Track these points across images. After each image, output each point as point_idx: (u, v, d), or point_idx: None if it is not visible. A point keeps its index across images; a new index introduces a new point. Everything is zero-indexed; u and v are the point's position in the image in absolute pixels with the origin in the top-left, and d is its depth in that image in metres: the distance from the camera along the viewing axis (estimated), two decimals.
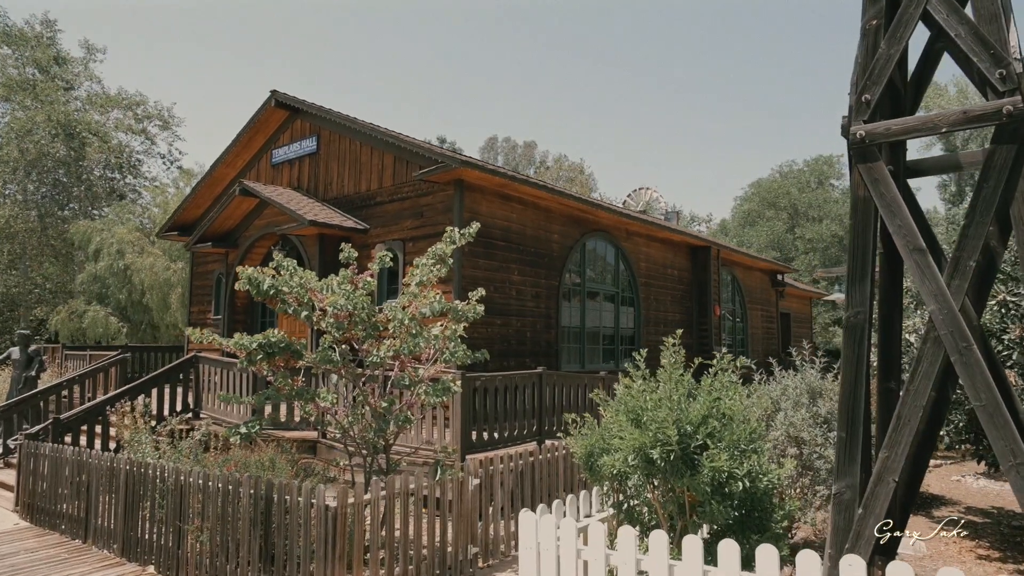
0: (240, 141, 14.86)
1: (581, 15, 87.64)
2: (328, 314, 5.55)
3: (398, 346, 5.73)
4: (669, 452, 3.28)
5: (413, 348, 5.75)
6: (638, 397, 3.57)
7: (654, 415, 3.30)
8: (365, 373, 6.01)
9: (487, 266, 11.75)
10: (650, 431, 3.29)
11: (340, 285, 5.70)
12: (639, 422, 3.44)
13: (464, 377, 7.96)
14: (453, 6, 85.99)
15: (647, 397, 3.52)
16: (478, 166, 10.78)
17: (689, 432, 3.31)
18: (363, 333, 5.95)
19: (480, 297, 6.79)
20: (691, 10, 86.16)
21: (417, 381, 5.95)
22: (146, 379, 10.16)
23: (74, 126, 33.85)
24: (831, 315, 36.07)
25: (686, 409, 3.33)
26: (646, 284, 16.69)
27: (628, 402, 3.58)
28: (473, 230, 6.59)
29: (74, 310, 27.36)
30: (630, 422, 3.47)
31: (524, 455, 6.93)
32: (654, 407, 3.36)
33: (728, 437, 3.35)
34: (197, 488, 5.94)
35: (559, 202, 13.18)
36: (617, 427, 3.56)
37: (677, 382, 3.51)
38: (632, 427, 3.40)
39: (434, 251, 6.29)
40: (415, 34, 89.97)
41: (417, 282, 6.04)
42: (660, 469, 3.31)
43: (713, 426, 3.33)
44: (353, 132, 12.84)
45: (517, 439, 8.78)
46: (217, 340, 5.39)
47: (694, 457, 3.35)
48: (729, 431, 3.38)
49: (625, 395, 3.70)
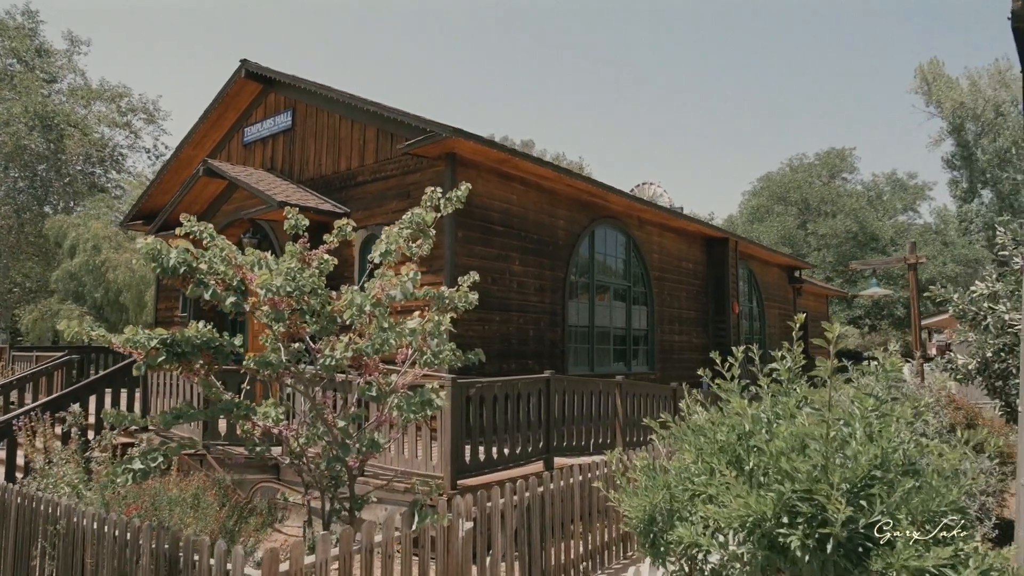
0: (208, 119, 13.30)
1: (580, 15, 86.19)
2: (262, 300, 4.00)
3: (360, 343, 4.19)
4: (821, 536, 1.78)
5: (380, 346, 4.21)
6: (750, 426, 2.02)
7: (788, 465, 1.79)
8: (321, 379, 4.48)
9: (484, 254, 10.21)
10: (775, 492, 1.79)
11: (281, 262, 4.16)
12: (750, 474, 1.94)
13: (454, 384, 6.42)
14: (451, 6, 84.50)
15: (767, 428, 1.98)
16: (473, 136, 9.25)
17: (856, 495, 1.79)
18: (316, 326, 4.41)
19: (473, 283, 5.27)
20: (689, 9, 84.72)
21: (388, 391, 4.41)
22: (79, 385, 8.61)
23: (52, 118, 32.23)
24: (847, 314, 34.51)
25: (856, 456, 1.80)
26: (659, 278, 15.14)
27: (722, 435, 2.07)
28: (462, 193, 5.05)
29: (47, 309, 25.82)
30: (731, 469, 1.95)
31: (531, 484, 5.39)
32: (788, 447, 1.83)
33: (921, 504, 1.84)
34: (92, 535, 4.41)
35: (565, 183, 11.64)
36: (704, 477, 2.05)
37: (827, 404, 1.93)
38: (739, 481, 1.89)
39: (410, 218, 4.76)
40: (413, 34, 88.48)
41: (381, 252, 4.49)
42: (798, 564, 1.80)
43: (897, 487, 1.81)
44: (331, 103, 11.30)
45: (520, 458, 7.23)
46: (103, 336, 3.85)
47: (864, 544, 1.83)
48: (923, 495, 1.86)
49: (719, 422, 2.17)
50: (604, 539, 6.23)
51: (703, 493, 2.08)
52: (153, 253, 3.98)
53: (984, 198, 43.43)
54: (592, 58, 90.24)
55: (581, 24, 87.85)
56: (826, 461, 1.71)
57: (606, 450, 9.07)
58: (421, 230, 4.93)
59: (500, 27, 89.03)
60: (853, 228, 35.38)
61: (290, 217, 4.80)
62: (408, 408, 4.14)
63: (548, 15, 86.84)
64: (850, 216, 35.77)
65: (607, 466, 6.33)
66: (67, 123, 33.21)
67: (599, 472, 6.20)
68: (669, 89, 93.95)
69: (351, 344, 4.24)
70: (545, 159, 53.37)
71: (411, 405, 4.13)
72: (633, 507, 2.26)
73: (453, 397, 6.42)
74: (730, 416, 2.13)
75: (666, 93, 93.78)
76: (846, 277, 35.49)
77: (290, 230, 4.82)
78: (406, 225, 4.80)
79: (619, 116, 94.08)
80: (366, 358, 4.22)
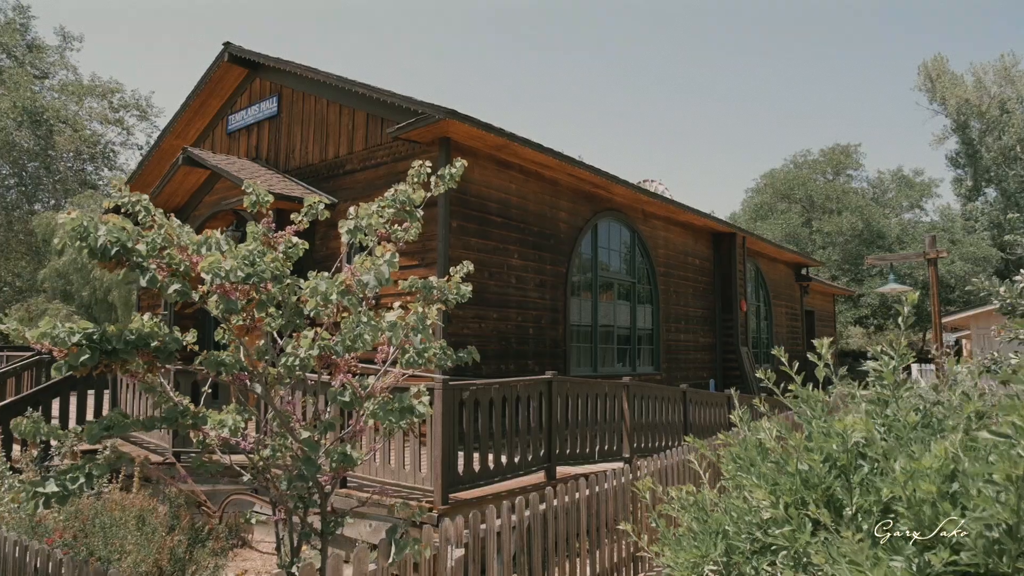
0: (190, 106, 12.62)
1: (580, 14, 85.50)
2: (211, 287, 3.33)
3: (326, 339, 3.51)
4: None
5: (353, 342, 3.53)
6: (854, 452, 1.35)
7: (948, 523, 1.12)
8: (281, 380, 3.80)
9: (481, 246, 9.54)
10: (919, 562, 1.15)
11: (231, 244, 3.48)
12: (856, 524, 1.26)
13: (446, 386, 5.75)
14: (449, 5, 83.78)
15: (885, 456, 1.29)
16: (469, 119, 8.58)
17: None
18: (281, 320, 3.74)
19: (467, 274, 4.58)
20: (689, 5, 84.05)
21: (365, 395, 3.74)
22: (39, 389, 7.93)
23: (41, 113, 31.54)
24: (853, 314, 33.77)
25: None
26: (665, 274, 14.47)
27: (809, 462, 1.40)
28: (457, 170, 4.38)
29: (33, 308, 25.13)
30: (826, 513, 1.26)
31: (532, 501, 4.72)
32: (936, 491, 1.16)
33: None
34: (14, 564, 3.75)
35: (568, 172, 10.96)
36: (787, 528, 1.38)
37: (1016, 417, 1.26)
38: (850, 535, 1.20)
39: (393, 195, 4.08)
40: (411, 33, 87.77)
41: (349, 230, 3.81)
42: None
43: None
44: (318, 87, 10.62)
45: (519, 468, 6.56)
46: (15, 330, 3.18)
47: None
48: None
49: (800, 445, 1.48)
50: (614, 559, 5.56)
51: (783, 547, 1.43)
52: (79, 231, 3.30)
53: (988, 196, 42.73)
54: (591, 56, 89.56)
55: (580, 22, 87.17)
56: (1019, 518, 1.06)
57: (612, 458, 8.43)
58: (407, 211, 4.24)
59: (499, 25, 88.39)
60: (859, 226, 34.63)
61: (250, 192, 4.12)
62: (385, 416, 3.47)
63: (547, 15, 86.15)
64: (856, 213, 35.04)
65: (617, 478, 5.66)
66: (57, 119, 32.54)
67: (608, 486, 5.53)
68: (670, 87, 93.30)
69: (318, 340, 3.56)
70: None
71: (388, 412, 3.46)
72: (679, 564, 1.59)
73: (444, 401, 5.76)
74: (819, 436, 1.47)
75: (667, 91, 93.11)
76: (852, 275, 34.76)
77: (251, 207, 4.14)
78: (387, 203, 4.13)
79: (619, 114, 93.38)
80: (335, 357, 3.54)
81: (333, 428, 3.99)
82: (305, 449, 3.55)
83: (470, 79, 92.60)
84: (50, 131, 31.93)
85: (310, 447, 3.55)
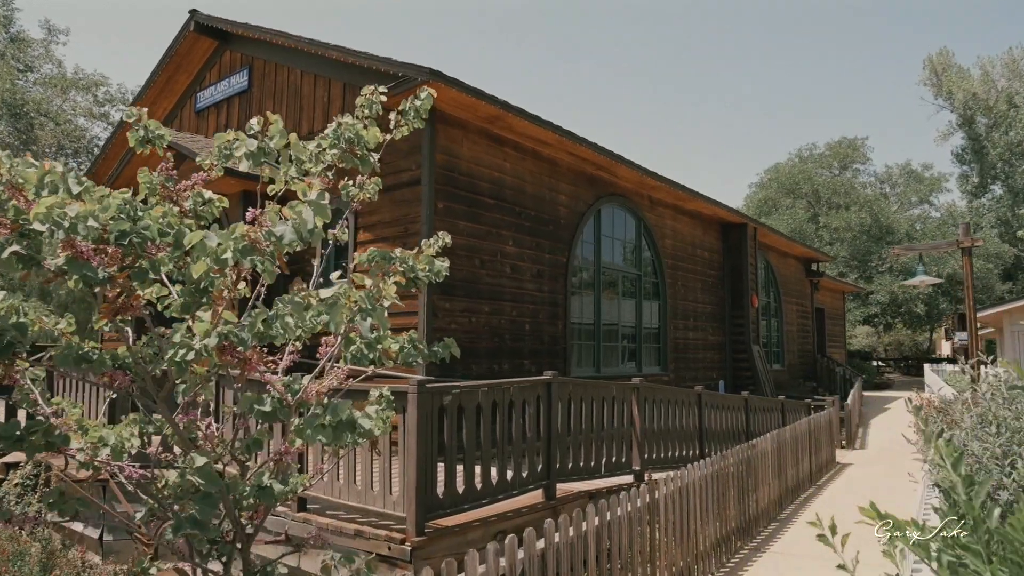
0: (155, 82, 11.54)
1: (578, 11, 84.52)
2: (52, 244, 2.28)
3: (222, 326, 2.42)
4: None
5: (267, 328, 2.47)
6: None
7: None
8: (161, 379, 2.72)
9: (470, 230, 8.47)
10: None
11: (87, 186, 2.40)
12: None
13: (422, 389, 4.67)
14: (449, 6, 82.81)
15: None
16: (457, 83, 7.52)
17: None
18: (182, 298, 2.65)
19: (444, 247, 3.54)
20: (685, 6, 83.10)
21: (295, 403, 2.66)
22: None
23: (21, 106, 30.43)
24: (862, 312, 32.67)
25: None
26: (673, 267, 13.41)
27: None
28: (424, 101, 3.33)
29: None
30: None
31: (527, 540, 3.64)
32: None
33: None
34: None
35: (568, 150, 9.91)
36: None
37: None
38: None
39: (336, 130, 3.02)
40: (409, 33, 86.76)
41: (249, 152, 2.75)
42: None
43: None
44: (291, 55, 9.56)
45: (513, 486, 5.48)
46: None
47: None
48: None
49: None
50: None
51: None
52: None
53: (995, 193, 41.66)
54: (591, 54, 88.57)
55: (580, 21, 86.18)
56: None
57: (620, 471, 7.36)
58: (357, 155, 3.18)
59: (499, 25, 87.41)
60: (867, 221, 33.56)
61: (139, 129, 3.05)
62: (312, 435, 2.40)
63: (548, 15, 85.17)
64: (864, 208, 33.98)
65: (632, 501, 4.60)
66: (38, 112, 31.44)
67: (622, 512, 4.46)
68: (671, 84, 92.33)
69: (219, 323, 2.48)
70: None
71: (316, 431, 2.40)
72: None
73: (420, 408, 4.68)
74: None
75: (668, 89, 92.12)
76: (861, 272, 33.68)
77: (137, 145, 3.08)
78: (329, 142, 3.07)
79: (620, 113, 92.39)
80: (241, 348, 2.46)
81: (260, 447, 2.92)
82: (199, 482, 2.48)
83: (470, 79, 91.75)
84: (30, 124, 30.82)
85: (207, 479, 2.48)
